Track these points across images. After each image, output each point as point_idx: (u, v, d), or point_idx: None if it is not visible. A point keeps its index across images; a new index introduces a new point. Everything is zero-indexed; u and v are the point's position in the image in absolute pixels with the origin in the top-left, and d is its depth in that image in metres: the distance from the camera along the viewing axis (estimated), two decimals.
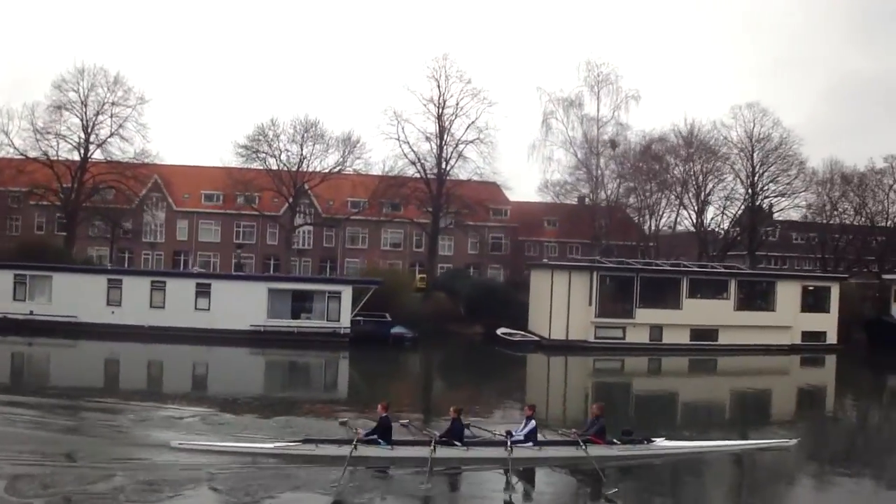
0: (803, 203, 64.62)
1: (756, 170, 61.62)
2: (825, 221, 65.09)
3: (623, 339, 44.28)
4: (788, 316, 45.97)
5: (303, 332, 42.06)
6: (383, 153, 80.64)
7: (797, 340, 46.12)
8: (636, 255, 58.23)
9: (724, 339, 44.78)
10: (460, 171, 58.44)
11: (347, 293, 43.44)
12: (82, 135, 56.19)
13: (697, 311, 44.74)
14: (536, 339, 45.61)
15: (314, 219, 67.47)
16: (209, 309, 42.08)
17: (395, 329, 43.45)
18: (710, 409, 30.30)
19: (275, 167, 60.97)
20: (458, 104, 57.53)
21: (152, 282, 43.53)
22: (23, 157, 55.45)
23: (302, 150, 61.08)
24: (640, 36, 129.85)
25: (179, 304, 42.06)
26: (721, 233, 65.17)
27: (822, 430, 26.12)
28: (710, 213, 63.86)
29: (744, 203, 63.17)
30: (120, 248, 65.48)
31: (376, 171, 61.07)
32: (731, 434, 22.96)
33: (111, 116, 56.51)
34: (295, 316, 43.14)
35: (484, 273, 67.33)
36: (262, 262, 68.47)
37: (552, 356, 42.79)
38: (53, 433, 18.72)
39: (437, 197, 57.59)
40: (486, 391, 31.38)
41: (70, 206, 56.58)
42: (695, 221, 62.94)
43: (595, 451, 17.30)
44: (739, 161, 61.99)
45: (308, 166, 61.42)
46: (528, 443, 17.53)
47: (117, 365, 36.29)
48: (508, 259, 68.45)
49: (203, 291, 42.76)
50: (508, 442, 17.01)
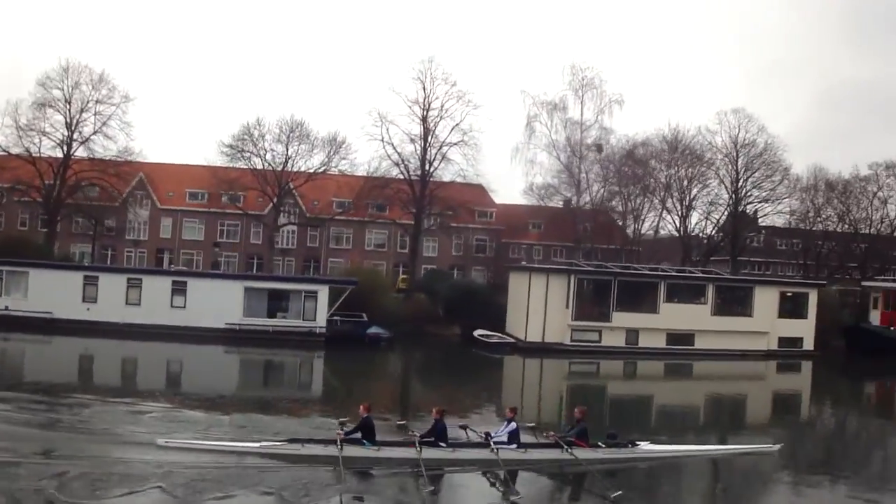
0: (787, 209, 65.01)
1: (740, 175, 61.85)
2: (808, 228, 65.37)
3: (599, 342, 44.18)
4: (765, 321, 45.98)
5: (278, 331, 41.98)
6: (368, 154, 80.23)
7: (774, 346, 46.11)
8: (620, 259, 58.33)
9: (700, 343, 44.71)
10: (444, 173, 58.47)
11: (324, 293, 43.42)
12: (66, 132, 56.09)
13: (674, 316, 44.66)
14: (513, 341, 45.52)
15: (298, 218, 67.42)
16: (185, 307, 42.01)
17: (372, 329, 43.41)
18: (684, 414, 30.43)
19: (260, 167, 60.80)
20: (442, 106, 57.49)
21: (128, 279, 43.42)
22: (5, 153, 55.47)
23: (287, 149, 60.95)
24: (625, 41, 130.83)
25: (155, 302, 41.98)
26: (705, 238, 65.31)
27: (799, 435, 26.12)
28: (694, 218, 64.11)
29: (727, 208, 63.38)
30: (103, 246, 65.43)
31: (361, 171, 60.98)
32: (707, 438, 22.97)
33: (95, 114, 56.39)
34: (271, 315, 43.06)
35: (468, 275, 67.31)
36: (245, 262, 68.37)
37: (528, 358, 42.69)
38: (26, 428, 18.81)
39: (420, 198, 57.56)
40: (461, 393, 31.23)
41: (52, 203, 56.50)
42: (678, 226, 63.15)
43: (580, 454, 17.40)
44: (724, 167, 62.28)
45: (293, 166, 61.36)
46: (512, 445, 17.56)
47: (91, 361, 36.26)
48: (492, 261, 68.42)
49: (179, 289, 42.68)
50: (491, 443, 17.13)
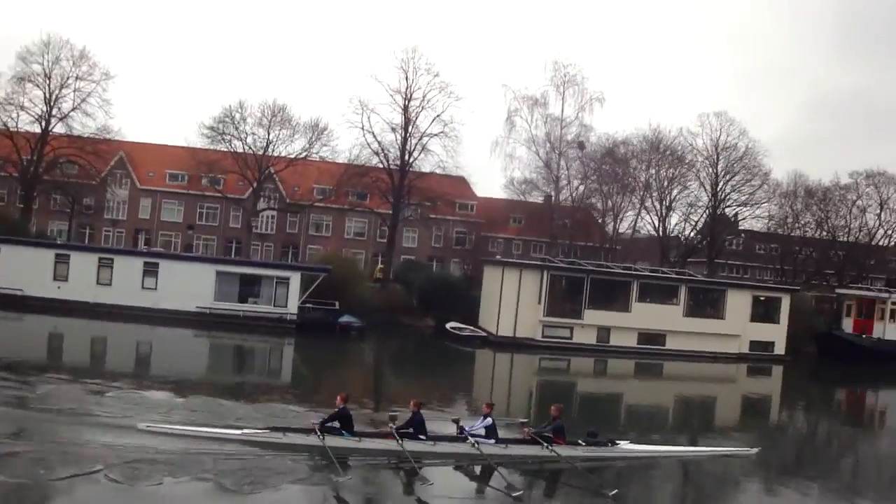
0: (766, 214, 65.27)
1: (720, 178, 62.05)
2: (787, 233, 65.66)
3: (570, 339, 44.20)
4: (737, 325, 46.12)
5: (249, 317, 42.00)
6: (349, 141, 79.93)
7: (745, 349, 46.30)
8: (598, 257, 58.44)
9: (671, 344, 44.86)
10: (423, 164, 58.19)
11: (296, 279, 43.28)
12: (44, 107, 55.46)
13: (646, 315, 44.73)
14: (484, 334, 45.48)
15: (278, 204, 67.11)
16: (156, 288, 41.84)
17: (343, 318, 43.26)
18: (653, 414, 30.47)
19: (240, 150, 60.37)
20: (424, 97, 57.07)
21: (100, 258, 43.15)
22: None
23: (269, 134, 60.45)
24: (610, 38, 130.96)
25: (126, 282, 41.78)
26: (684, 239, 65.53)
27: (769, 440, 26.06)
28: (673, 219, 64.31)
29: (706, 210, 63.62)
30: (80, 224, 64.83)
31: (343, 159, 60.61)
32: (676, 439, 23.05)
33: (75, 91, 55.64)
34: (242, 300, 42.95)
35: (447, 267, 67.28)
36: (223, 245, 67.89)
37: (499, 353, 42.67)
38: None
39: (399, 188, 57.38)
40: (430, 385, 31.21)
41: (29, 179, 55.95)
42: (657, 226, 63.34)
43: (562, 451, 17.46)
44: (704, 169, 62.46)
45: (274, 151, 60.97)
46: (490, 440, 17.58)
47: (60, 340, 36.23)
48: (470, 254, 68.41)
49: (151, 270, 42.48)
50: (469, 437, 17.18)
